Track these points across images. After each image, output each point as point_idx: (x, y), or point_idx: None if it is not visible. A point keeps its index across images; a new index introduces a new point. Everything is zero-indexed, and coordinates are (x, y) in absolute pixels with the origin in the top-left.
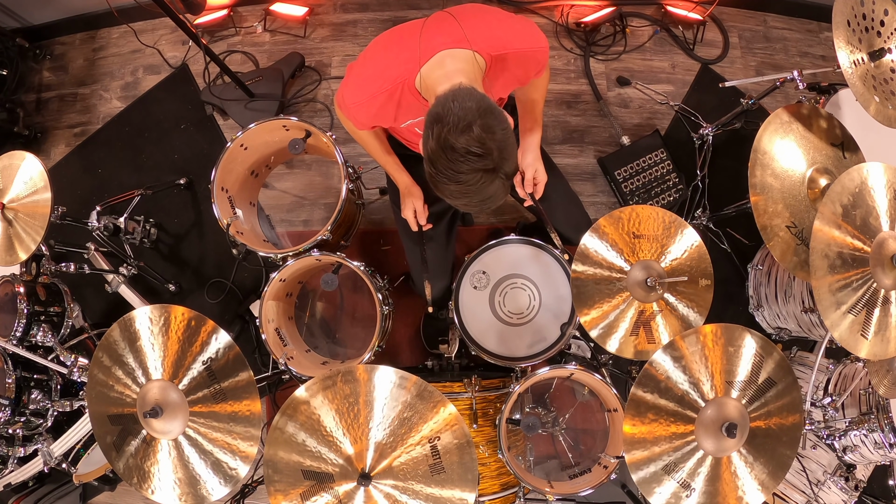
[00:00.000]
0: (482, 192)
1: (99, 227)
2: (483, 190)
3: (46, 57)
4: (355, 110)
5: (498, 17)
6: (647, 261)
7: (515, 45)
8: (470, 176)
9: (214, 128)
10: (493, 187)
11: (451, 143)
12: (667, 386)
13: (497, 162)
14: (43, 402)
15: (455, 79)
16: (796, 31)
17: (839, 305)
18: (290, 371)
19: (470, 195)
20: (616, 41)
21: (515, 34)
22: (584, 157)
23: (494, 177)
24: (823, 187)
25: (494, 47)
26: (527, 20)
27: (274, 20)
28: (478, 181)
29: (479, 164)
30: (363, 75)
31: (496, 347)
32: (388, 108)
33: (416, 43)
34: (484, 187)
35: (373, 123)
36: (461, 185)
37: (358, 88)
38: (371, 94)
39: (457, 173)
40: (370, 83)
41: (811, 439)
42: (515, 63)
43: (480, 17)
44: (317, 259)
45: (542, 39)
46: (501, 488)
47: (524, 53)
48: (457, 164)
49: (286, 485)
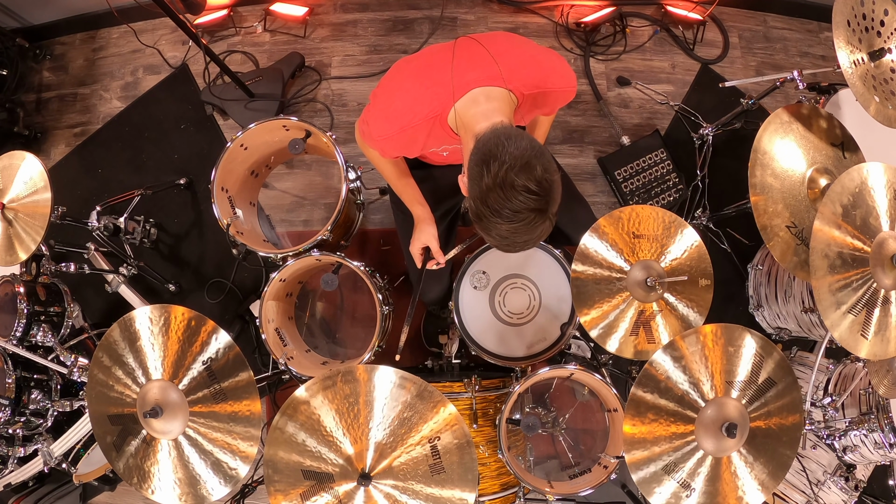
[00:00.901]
0: (530, 232)
1: (99, 227)
2: (532, 230)
3: (46, 57)
4: (383, 143)
5: (531, 52)
6: (647, 261)
7: (548, 84)
8: (524, 215)
9: (214, 128)
10: (541, 228)
11: (512, 180)
12: (667, 386)
13: (550, 203)
14: (43, 402)
15: (493, 117)
16: (796, 31)
17: (839, 305)
18: (290, 371)
19: (518, 234)
20: (616, 41)
21: (549, 73)
22: (584, 157)
23: (545, 217)
24: (823, 187)
25: (529, 86)
26: (558, 57)
27: (274, 20)
28: (530, 221)
29: (534, 203)
30: (392, 107)
31: (496, 347)
32: (417, 140)
33: (449, 76)
34: (534, 227)
35: (398, 154)
36: (512, 225)
37: (387, 122)
38: (401, 127)
39: (513, 212)
40: (400, 116)
41: (811, 439)
42: (546, 100)
43: (514, 53)
44: (317, 259)
45: (573, 78)
46: (501, 488)
47: (556, 93)
48: (514, 201)
49: (286, 485)
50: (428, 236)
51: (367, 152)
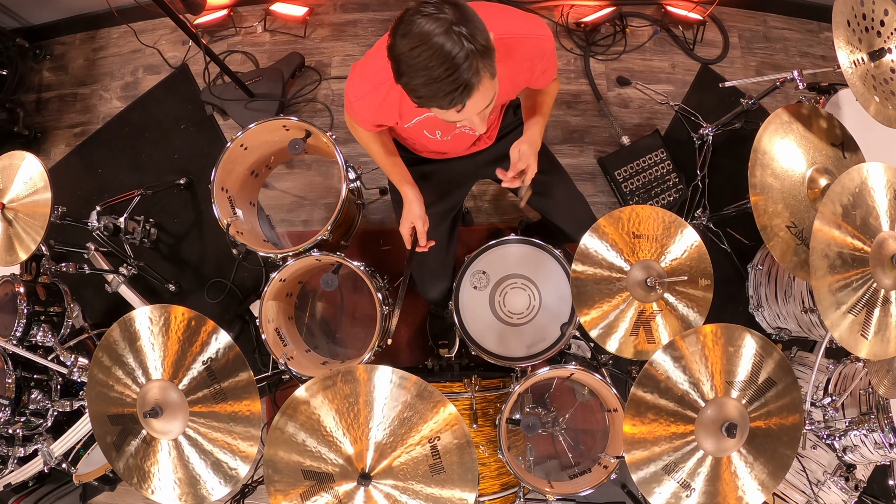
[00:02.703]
0: (440, 53)
1: (99, 227)
2: (440, 48)
3: (46, 57)
4: (358, 104)
5: (502, 8)
6: (647, 261)
7: (517, 30)
8: (429, 26)
9: (214, 128)
10: (450, 44)
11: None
12: (667, 386)
13: (456, 19)
14: (43, 402)
15: None
16: (796, 31)
17: (839, 305)
18: (290, 371)
19: (429, 57)
20: (616, 41)
21: (517, 21)
22: (584, 157)
23: (450, 31)
24: (823, 187)
25: (497, 31)
26: (529, 13)
27: (274, 20)
28: (437, 32)
29: (438, 21)
30: (366, 68)
31: (496, 347)
32: (390, 99)
33: None
34: (442, 46)
35: (377, 121)
36: (421, 49)
37: (363, 79)
38: (374, 84)
39: (420, 34)
40: (375, 73)
41: (811, 439)
42: (520, 53)
43: (486, 10)
44: (317, 259)
45: (545, 28)
46: (501, 488)
47: (526, 40)
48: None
49: (286, 485)
50: (415, 216)
51: (354, 132)
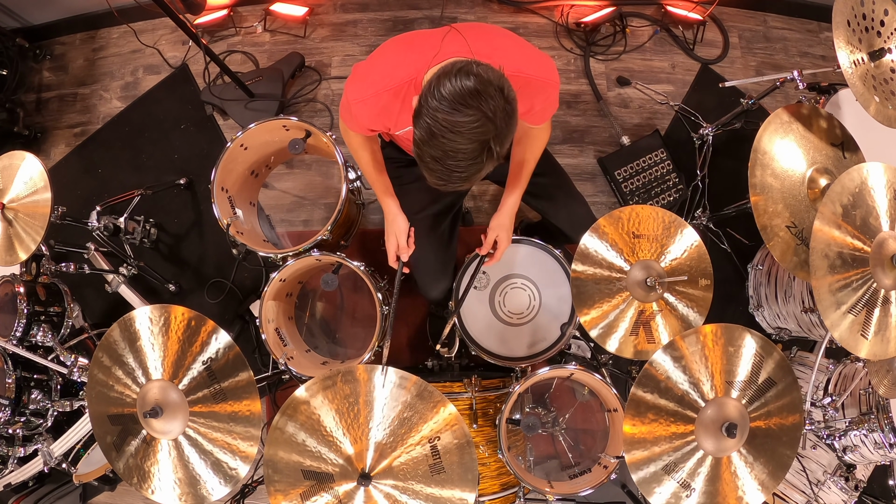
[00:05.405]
0: (471, 165)
1: (99, 227)
2: (473, 160)
3: (46, 57)
4: (357, 107)
5: (518, 43)
6: (646, 261)
7: (529, 70)
8: (469, 120)
9: (214, 128)
10: (477, 165)
11: (456, 84)
12: (667, 386)
13: (499, 134)
14: (43, 402)
15: None
16: (796, 31)
17: (839, 305)
18: (290, 371)
19: (458, 159)
20: (616, 41)
21: (530, 61)
22: (584, 157)
23: (485, 148)
24: (823, 187)
25: (509, 67)
26: (542, 52)
27: (274, 20)
28: (475, 139)
29: (482, 106)
30: (371, 71)
31: (496, 347)
32: (391, 108)
33: (432, 50)
34: (476, 159)
35: (372, 126)
36: (455, 144)
37: (364, 83)
38: (377, 90)
39: (456, 121)
40: (378, 80)
41: (811, 439)
42: (526, 92)
43: (503, 36)
44: (317, 259)
45: (554, 73)
46: (501, 488)
47: (535, 81)
48: (458, 106)
49: (286, 485)
50: (399, 229)
51: (345, 135)
